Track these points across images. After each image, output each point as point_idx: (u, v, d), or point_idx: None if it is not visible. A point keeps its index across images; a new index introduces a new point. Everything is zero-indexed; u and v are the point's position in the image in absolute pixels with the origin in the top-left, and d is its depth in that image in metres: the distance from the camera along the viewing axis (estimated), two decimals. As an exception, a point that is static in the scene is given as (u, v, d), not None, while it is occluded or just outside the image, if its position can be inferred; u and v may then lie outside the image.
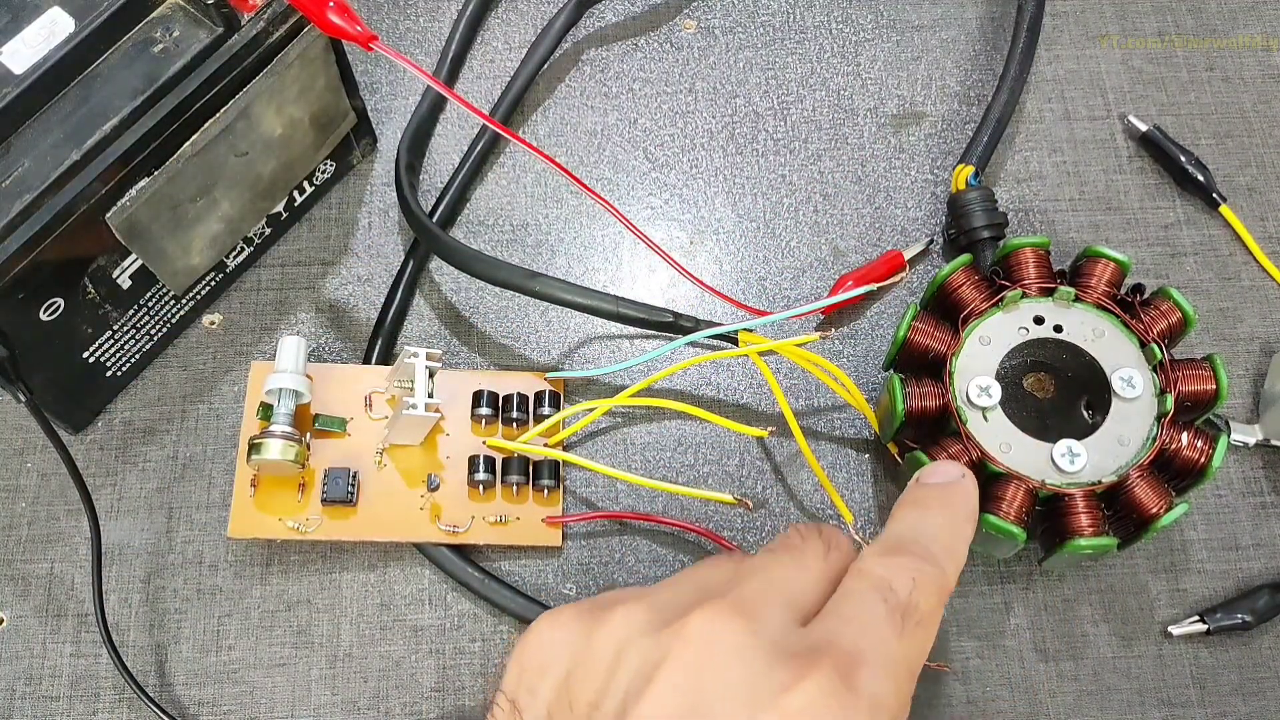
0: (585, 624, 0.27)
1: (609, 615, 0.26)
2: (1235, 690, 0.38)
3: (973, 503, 0.31)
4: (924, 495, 0.31)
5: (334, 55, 0.38)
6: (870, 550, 0.28)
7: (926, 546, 0.28)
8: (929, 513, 0.30)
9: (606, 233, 0.44)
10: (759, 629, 0.25)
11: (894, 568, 0.27)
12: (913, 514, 0.30)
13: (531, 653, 0.27)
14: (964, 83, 0.47)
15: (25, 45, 0.34)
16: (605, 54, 0.47)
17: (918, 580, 0.27)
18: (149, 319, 0.40)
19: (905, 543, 0.28)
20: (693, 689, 0.24)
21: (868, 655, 0.25)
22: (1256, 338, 0.43)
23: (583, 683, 0.25)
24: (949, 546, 0.29)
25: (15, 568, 0.39)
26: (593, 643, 0.26)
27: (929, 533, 0.29)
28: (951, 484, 0.31)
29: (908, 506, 0.30)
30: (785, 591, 0.27)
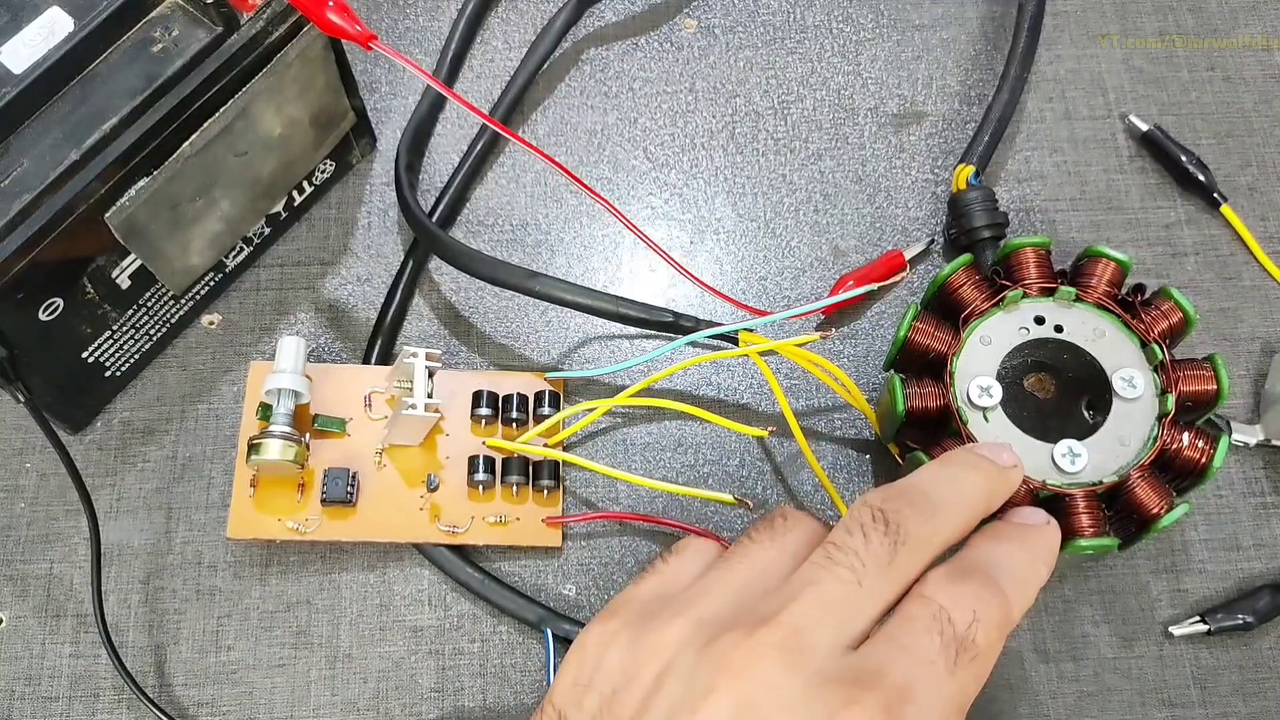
0: (632, 638, 0.26)
1: (655, 632, 0.26)
2: (1236, 691, 0.38)
3: (1054, 548, 0.29)
4: (1005, 530, 0.29)
5: (333, 55, 0.38)
6: (937, 573, 0.27)
7: (995, 578, 0.27)
8: (1007, 545, 0.29)
9: (606, 232, 0.44)
10: (807, 659, 0.24)
11: (957, 596, 0.26)
12: (989, 543, 0.29)
13: (582, 667, 0.27)
14: (965, 82, 0.47)
15: (24, 45, 0.34)
16: (605, 53, 0.47)
17: (979, 613, 0.25)
18: (148, 319, 0.40)
19: (974, 570, 0.27)
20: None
21: (917, 691, 0.24)
22: (1257, 338, 0.43)
23: (625, 704, 0.25)
24: (1021, 581, 0.27)
25: (14, 568, 0.38)
26: (638, 660, 0.26)
27: (1002, 564, 0.28)
28: (1036, 526, 0.30)
29: (986, 537, 0.29)
30: (838, 614, 0.25)
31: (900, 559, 0.26)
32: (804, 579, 0.26)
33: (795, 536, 0.28)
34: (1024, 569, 0.28)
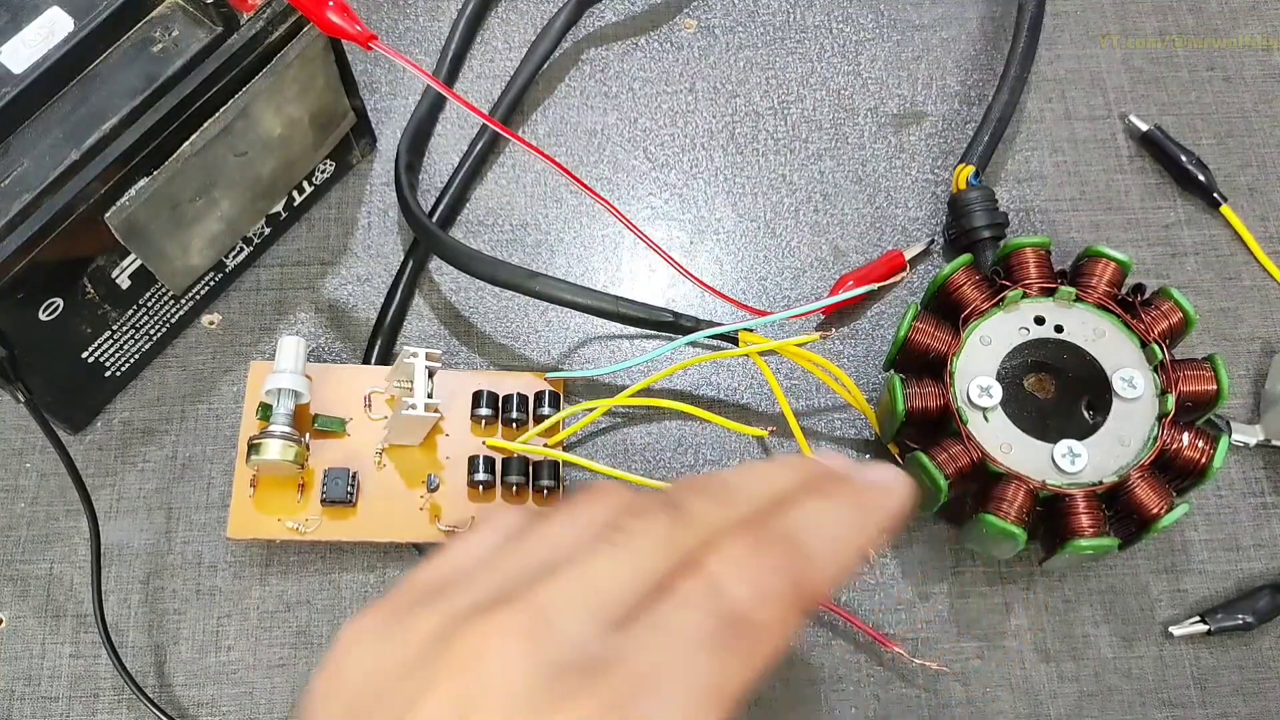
0: (382, 634, 0.23)
1: (405, 626, 0.23)
2: (1236, 691, 0.38)
3: (890, 508, 0.25)
4: (831, 487, 0.25)
5: (333, 55, 0.38)
6: (725, 541, 0.23)
7: (801, 543, 0.23)
8: (827, 504, 0.24)
9: (606, 232, 0.44)
10: (546, 646, 0.21)
11: (739, 567, 0.22)
12: (808, 502, 0.24)
13: (330, 668, 0.24)
14: (964, 82, 0.47)
15: (24, 45, 0.34)
16: (605, 54, 0.47)
17: (763, 584, 0.22)
18: (148, 319, 0.40)
19: (771, 536, 0.23)
20: (455, 716, 0.20)
21: (664, 677, 0.21)
22: (1257, 338, 0.43)
23: (364, 694, 0.22)
24: (836, 546, 0.24)
25: (14, 568, 0.38)
26: (380, 659, 0.23)
27: (815, 527, 0.24)
28: (873, 483, 0.25)
29: (808, 494, 0.24)
30: (595, 595, 0.22)
31: (678, 535, 0.23)
32: (567, 557, 0.23)
33: (594, 513, 0.24)
34: (843, 531, 0.24)
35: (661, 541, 0.23)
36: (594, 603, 0.22)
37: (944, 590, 0.39)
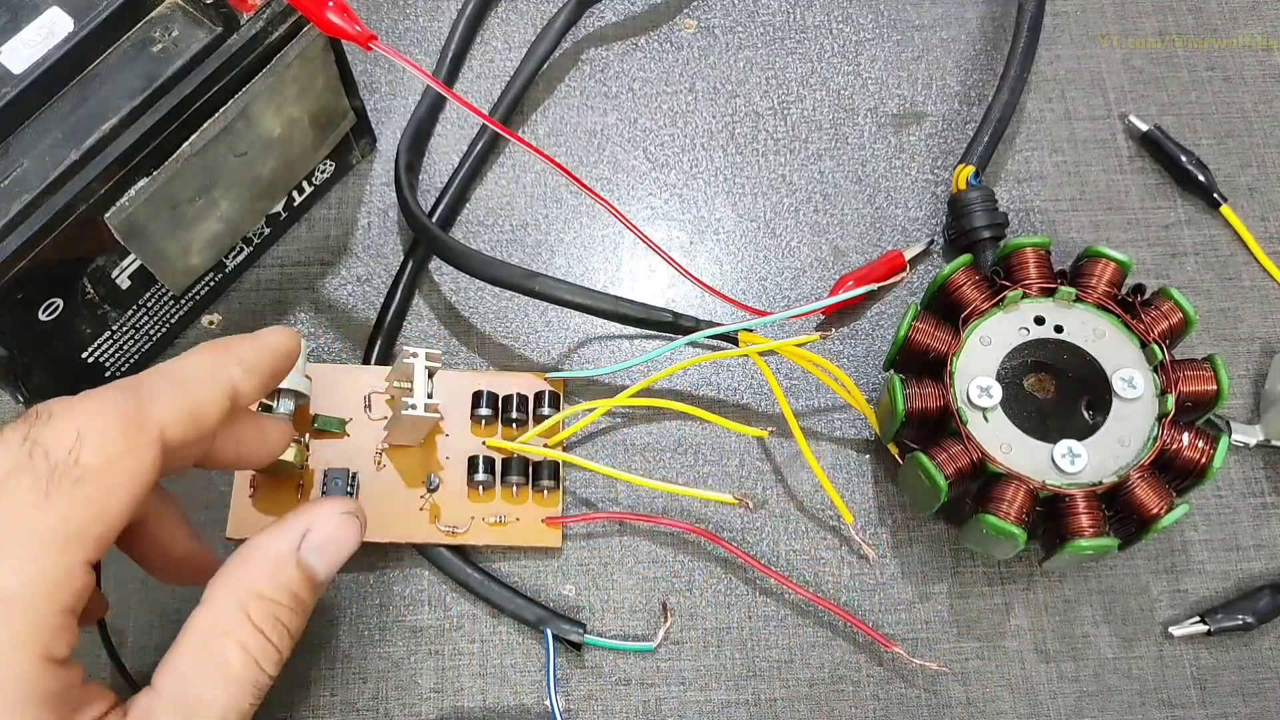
0: None
1: None
2: (1236, 691, 0.38)
3: (259, 345, 0.28)
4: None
5: (333, 55, 0.38)
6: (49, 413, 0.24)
7: (137, 384, 0.25)
8: (182, 355, 0.27)
9: (606, 233, 0.44)
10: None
11: (54, 426, 0.24)
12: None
13: None
14: (964, 82, 0.47)
15: (24, 45, 0.34)
16: (605, 54, 0.47)
17: (85, 431, 0.23)
18: (148, 319, 0.40)
19: (104, 387, 0.25)
20: None
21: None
22: (1257, 338, 0.43)
23: None
24: (178, 381, 0.26)
25: (14, 568, 0.38)
26: None
27: (157, 371, 0.26)
28: (252, 335, 0.28)
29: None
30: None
31: (32, 429, 0.24)
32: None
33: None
34: (191, 366, 0.26)
35: (11, 445, 0.24)
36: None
37: (944, 590, 0.39)
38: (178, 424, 0.25)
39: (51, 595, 0.23)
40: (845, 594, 0.39)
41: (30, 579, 0.23)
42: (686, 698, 0.37)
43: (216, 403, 0.26)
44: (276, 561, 0.27)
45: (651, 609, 0.38)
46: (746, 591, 0.39)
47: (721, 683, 0.37)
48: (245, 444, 0.30)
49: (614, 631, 0.38)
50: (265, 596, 0.26)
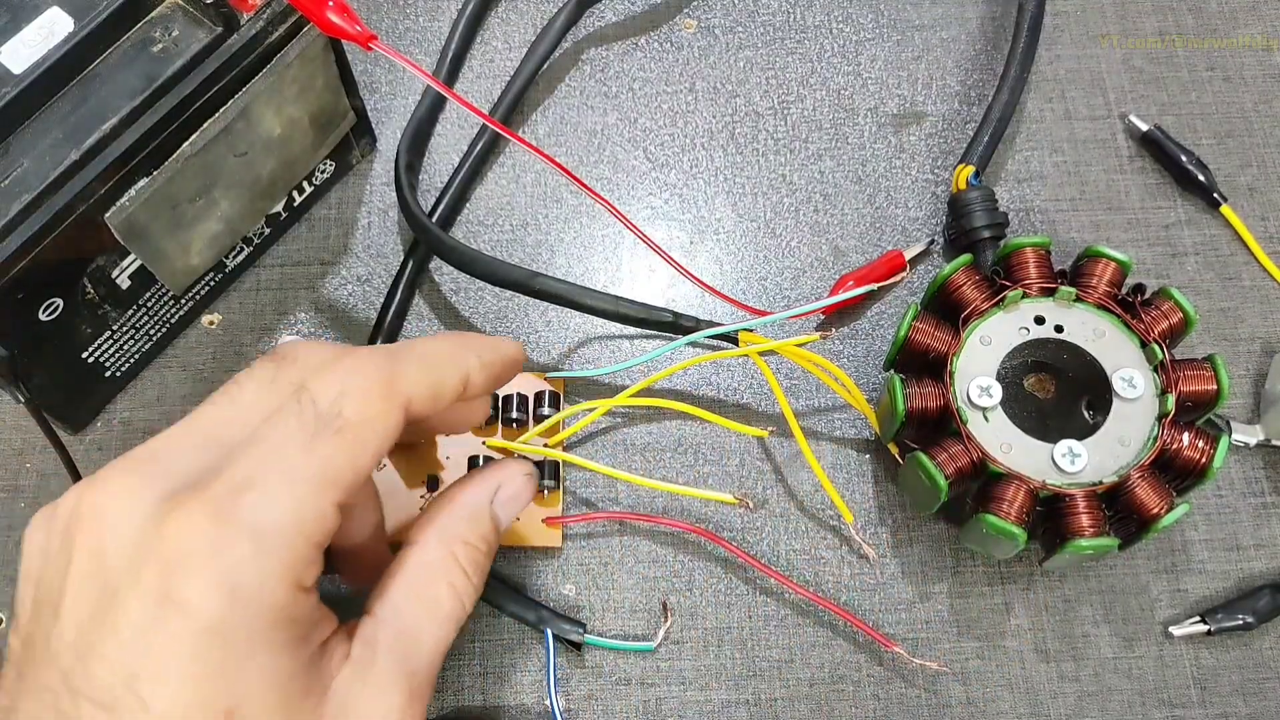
0: (46, 524, 0.27)
1: (54, 505, 0.26)
2: (1236, 691, 0.38)
3: (496, 349, 0.31)
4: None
5: (333, 55, 0.38)
6: (329, 359, 0.27)
7: (393, 353, 0.28)
8: (430, 336, 0.31)
9: (606, 232, 0.44)
10: (147, 480, 0.25)
11: (321, 378, 0.26)
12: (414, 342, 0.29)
13: (25, 563, 0.27)
14: (964, 82, 0.47)
15: (24, 45, 0.34)
16: (605, 53, 0.47)
17: (348, 388, 0.26)
18: (148, 319, 0.40)
19: (363, 349, 0.28)
20: (93, 565, 0.24)
21: (259, 478, 0.25)
22: (1257, 338, 0.43)
23: (40, 585, 0.26)
24: (427, 359, 0.28)
25: (15, 568, 0.38)
26: (44, 548, 0.26)
27: (409, 344, 0.29)
28: (494, 338, 0.31)
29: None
30: (201, 430, 0.26)
31: (281, 374, 0.27)
32: (181, 421, 0.27)
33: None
34: (437, 349, 0.29)
35: (265, 382, 0.27)
36: (197, 437, 0.26)
37: (944, 590, 0.39)
38: (421, 398, 0.27)
39: (308, 531, 0.25)
40: (845, 594, 0.39)
41: (293, 515, 0.25)
42: (687, 697, 0.37)
43: (453, 386, 0.29)
44: (476, 510, 0.30)
45: (652, 609, 0.38)
46: (746, 591, 0.39)
47: (722, 682, 0.37)
48: (453, 420, 0.33)
49: (614, 631, 0.38)
50: (469, 542, 0.29)
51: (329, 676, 0.26)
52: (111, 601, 0.24)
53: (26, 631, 0.25)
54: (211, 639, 0.23)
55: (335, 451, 0.25)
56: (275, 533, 0.24)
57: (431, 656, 0.28)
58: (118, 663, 0.23)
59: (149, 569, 0.24)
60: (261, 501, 0.25)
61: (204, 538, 0.24)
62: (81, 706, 0.23)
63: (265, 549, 0.24)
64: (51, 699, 0.24)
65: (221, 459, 0.25)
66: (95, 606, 0.24)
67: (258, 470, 0.25)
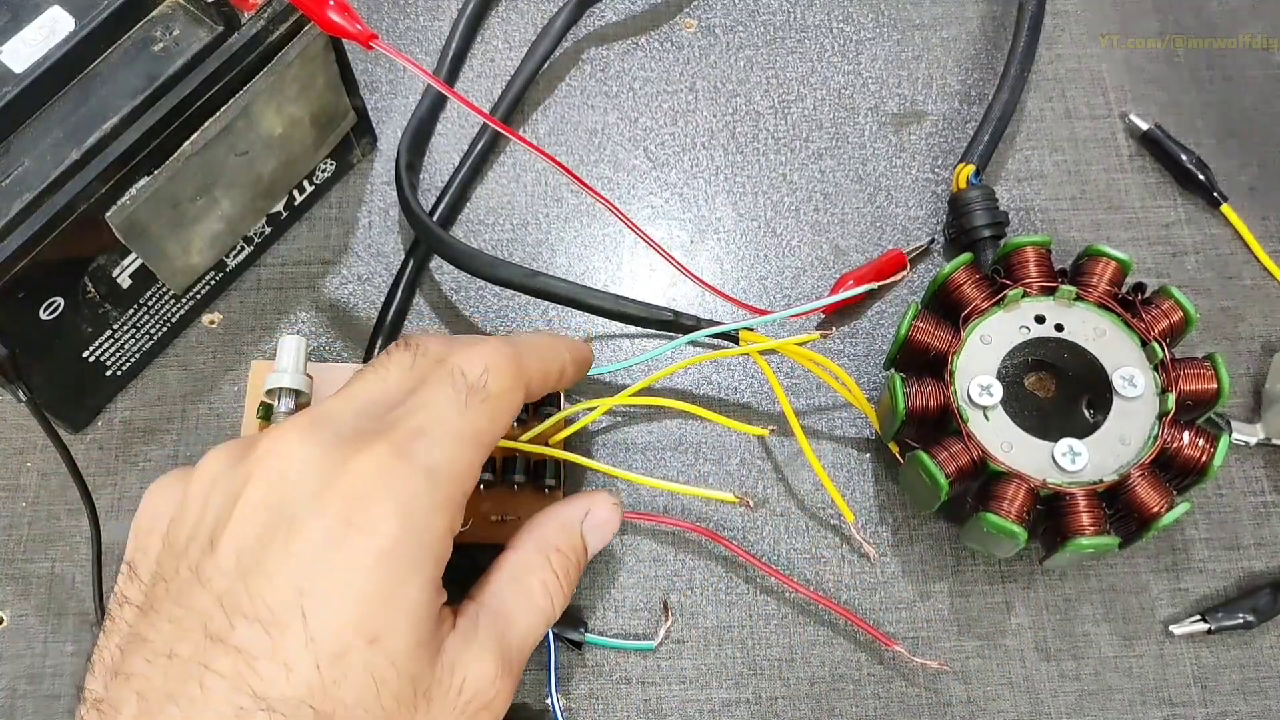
0: (182, 479, 0.30)
1: (198, 465, 0.29)
2: (1237, 689, 0.38)
3: (575, 350, 0.35)
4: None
5: (334, 54, 0.38)
6: (453, 345, 0.31)
7: (515, 340, 0.32)
8: (532, 331, 0.38)
9: (607, 232, 0.44)
10: (325, 431, 0.28)
11: (468, 356, 0.30)
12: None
13: (141, 519, 0.30)
14: (965, 81, 0.47)
15: (25, 44, 0.34)
16: (605, 53, 0.47)
17: (490, 365, 0.30)
18: (149, 318, 0.40)
19: (486, 338, 0.32)
20: (271, 495, 0.27)
21: (428, 429, 0.28)
22: (1258, 337, 0.43)
23: (180, 526, 0.28)
24: (537, 348, 0.33)
25: (16, 567, 0.38)
26: (188, 492, 0.29)
27: (523, 334, 0.37)
28: (575, 341, 0.36)
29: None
30: (360, 399, 0.30)
31: (419, 358, 0.31)
32: (333, 394, 0.31)
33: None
34: (544, 342, 0.34)
35: (405, 362, 0.31)
36: (358, 405, 0.30)
37: (944, 589, 0.39)
38: (536, 382, 0.32)
39: (464, 479, 0.29)
40: (846, 592, 0.39)
41: (452, 462, 0.28)
42: (687, 696, 0.37)
43: (554, 375, 0.34)
44: (569, 525, 0.33)
45: (652, 608, 0.38)
46: (747, 590, 0.39)
47: (722, 681, 0.37)
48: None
49: (615, 630, 0.38)
50: (561, 550, 0.33)
51: (442, 637, 0.28)
52: (289, 526, 0.27)
53: (159, 570, 0.28)
54: (385, 561, 0.26)
55: (482, 416, 0.30)
56: (444, 474, 0.28)
57: (523, 640, 0.31)
58: (286, 581, 0.26)
59: (333, 496, 0.27)
60: (432, 447, 0.28)
61: (388, 471, 0.27)
62: (236, 624, 0.26)
63: (435, 486, 0.28)
64: (198, 621, 0.26)
65: (385, 419, 0.29)
66: (265, 531, 0.27)
67: (426, 423, 0.29)
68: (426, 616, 0.27)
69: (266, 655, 0.25)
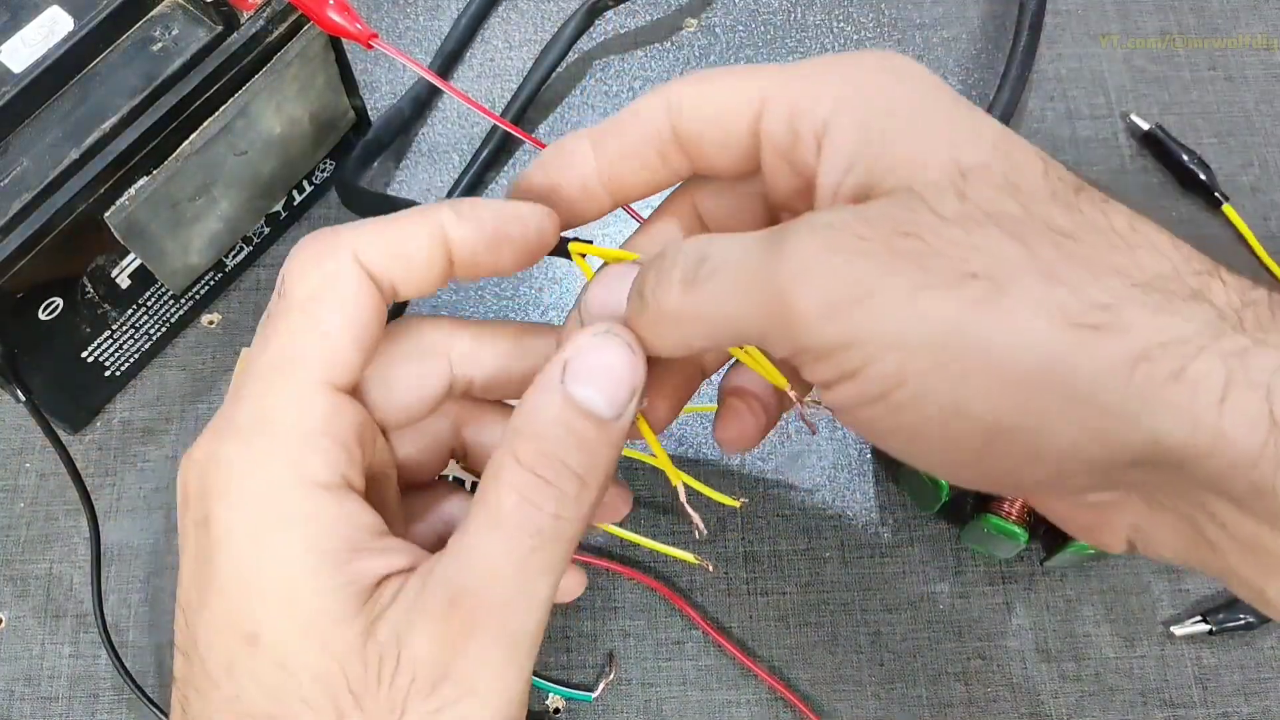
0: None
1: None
2: (1238, 690, 0.38)
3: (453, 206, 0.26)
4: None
5: (334, 53, 0.38)
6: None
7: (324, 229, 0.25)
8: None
9: (607, 231, 0.44)
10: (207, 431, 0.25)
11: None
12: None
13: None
14: (966, 81, 0.47)
15: (24, 44, 0.34)
16: (606, 52, 0.47)
17: (287, 270, 0.24)
18: (148, 318, 0.39)
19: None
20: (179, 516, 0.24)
21: (239, 386, 0.24)
22: (1259, 337, 0.43)
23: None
24: (381, 218, 0.25)
25: (14, 568, 0.38)
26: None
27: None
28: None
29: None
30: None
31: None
32: None
33: None
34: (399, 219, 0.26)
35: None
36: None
37: (945, 590, 0.39)
38: (374, 250, 0.24)
39: (288, 420, 0.23)
40: (846, 593, 0.38)
41: (264, 408, 0.23)
42: (687, 697, 0.37)
43: (417, 237, 0.25)
44: (538, 399, 0.24)
45: (600, 651, 0.38)
46: (747, 591, 0.38)
47: (722, 683, 0.37)
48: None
49: (558, 670, 0.37)
50: (531, 434, 0.23)
51: (374, 613, 0.22)
52: (180, 554, 0.24)
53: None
54: (223, 550, 0.22)
55: (289, 334, 0.24)
56: (255, 427, 0.23)
57: (492, 578, 0.22)
58: (182, 603, 0.23)
59: (189, 498, 0.23)
60: (240, 406, 0.24)
61: (210, 455, 0.23)
62: (175, 657, 0.24)
63: (248, 443, 0.23)
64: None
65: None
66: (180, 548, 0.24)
67: (238, 384, 0.24)
68: (317, 604, 0.22)
69: (185, 682, 0.23)
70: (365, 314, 0.24)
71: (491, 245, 0.25)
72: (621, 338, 0.24)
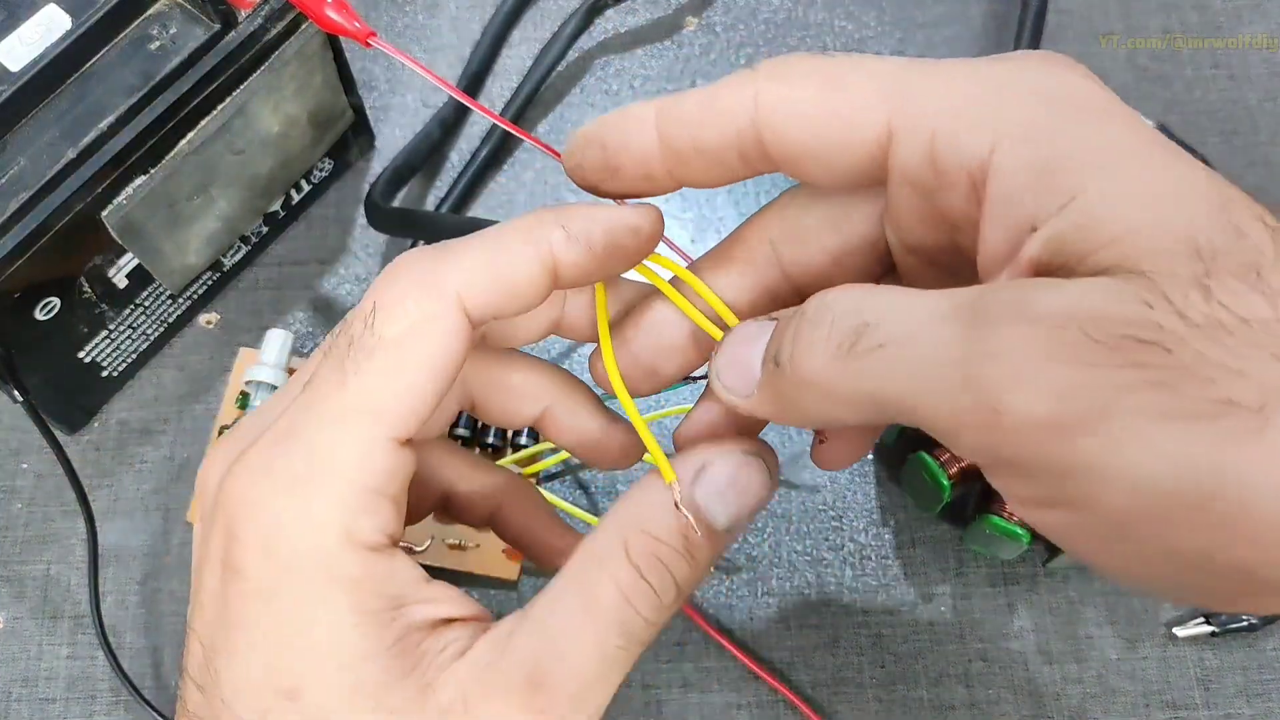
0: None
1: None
2: (1240, 692, 0.37)
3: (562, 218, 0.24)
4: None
5: (331, 52, 0.38)
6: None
7: (435, 248, 0.23)
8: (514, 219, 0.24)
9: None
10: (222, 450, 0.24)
11: (366, 298, 0.22)
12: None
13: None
14: (967, 80, 0.47)
15: (21, 42, 0.33)
16: (607, 51, 0.47)
17: (379, 303, 0.22)
18: (145, 318, 0.39)
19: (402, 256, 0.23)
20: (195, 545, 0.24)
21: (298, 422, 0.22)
22: (1262, 337, 0.42)
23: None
24: (486, 239, 0.23)
25: (11, 569, 0.38)
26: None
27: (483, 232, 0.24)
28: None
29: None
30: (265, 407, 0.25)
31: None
32: None
33: None
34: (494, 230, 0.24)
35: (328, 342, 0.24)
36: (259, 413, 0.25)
37: (947, 591, 0.38)
38: (478, 287, 0.22)
39: (348, 474, 0.21)
40: (847, 594, 0.38)
41: (325, 458, 0.21)
42: (688, 700, 0.37)
43: (526, 267, 0.22)
44: (662, 496, 0.23)
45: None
46: (748, 593, 0.38)
47: (723, 684, 0.37)
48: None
49: None
50: (647, 532, 0.22)
51: (431, 669, 0.21)
52: (196, 576, 0.23)
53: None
54: (261, 604, 0.21)
55: (370, 378, 0.22)
56: (311, 479, 0.21)
57: (578, 669, 0.22)
58: (201, 638, 0.22)
59: (213, 534, 0.22)
60: (292, 446, 0.22)
61: (248, 492, 0.22)
62: (185, 685, 0.22)
63: (302, 497, 0.21)
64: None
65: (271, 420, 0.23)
66: (191, 583, 0.23)
67: (296, 414, 0.22)
68: (364, 655, 0.21)
69: (202, 718, 0.22)
70: (454, 362, 0.22)
71: (604, 264, 0.24)
72: (764, 461, 0.23)
